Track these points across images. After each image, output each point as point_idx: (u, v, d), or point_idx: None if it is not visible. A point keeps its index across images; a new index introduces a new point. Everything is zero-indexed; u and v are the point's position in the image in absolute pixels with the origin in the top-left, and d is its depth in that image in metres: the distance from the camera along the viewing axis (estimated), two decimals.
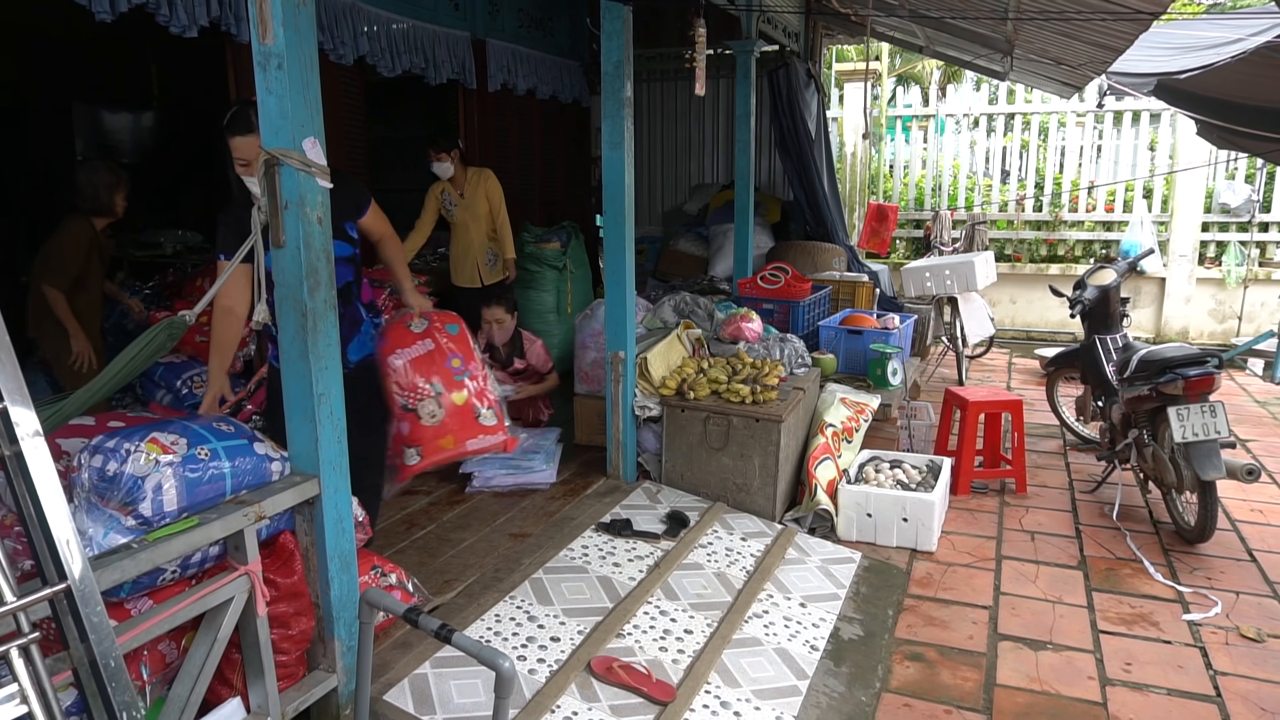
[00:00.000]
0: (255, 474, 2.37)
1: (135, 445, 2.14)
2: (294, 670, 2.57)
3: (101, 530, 2.09)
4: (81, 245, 4.27)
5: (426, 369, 3.20)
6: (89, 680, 1.43)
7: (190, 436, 2.25)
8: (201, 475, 2.22)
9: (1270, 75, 4.31)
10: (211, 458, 2.26)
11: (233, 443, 2.34)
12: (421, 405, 2.98)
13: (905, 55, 12.62)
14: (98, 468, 2.13)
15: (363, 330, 3.16)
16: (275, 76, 2.29)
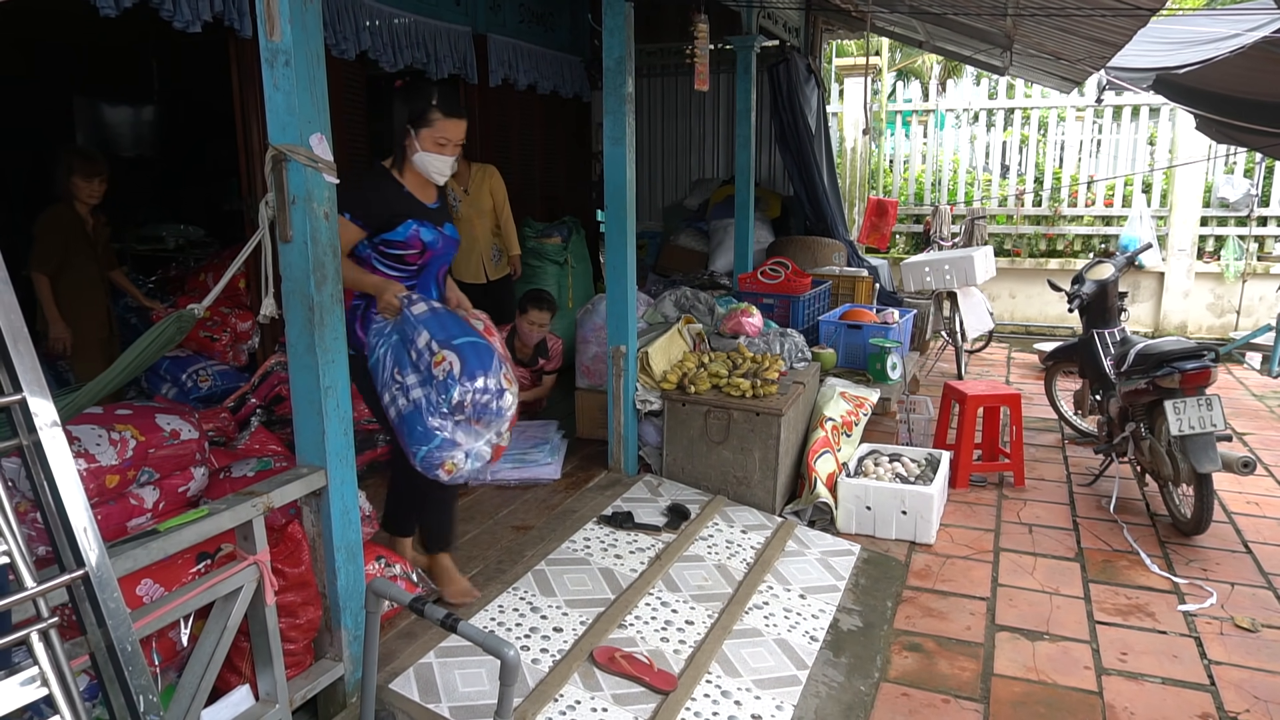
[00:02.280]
0: None
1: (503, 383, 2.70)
2: (301, 658, 2.61)
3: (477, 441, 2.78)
4: (56, 230, 4.29)
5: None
6: (106, 664, 1.46)
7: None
8: None
9: (1269, 70, 4.34)
10: None
11: None
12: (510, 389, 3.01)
13: (905, 50, 12.63)
14: (483, 404, 2.67)
15: None
16: (283, 73, 2.31)
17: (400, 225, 2.83)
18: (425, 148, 2.82)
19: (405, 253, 2.87)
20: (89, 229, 4.43)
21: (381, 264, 2.89)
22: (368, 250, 2.86)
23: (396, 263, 2.90)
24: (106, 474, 2.52)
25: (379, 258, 2.88)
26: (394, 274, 2.89)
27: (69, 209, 4.35)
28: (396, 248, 2.85)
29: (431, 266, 2.99)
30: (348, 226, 2.77)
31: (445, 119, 2.80)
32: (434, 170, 2.88)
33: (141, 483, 2.66)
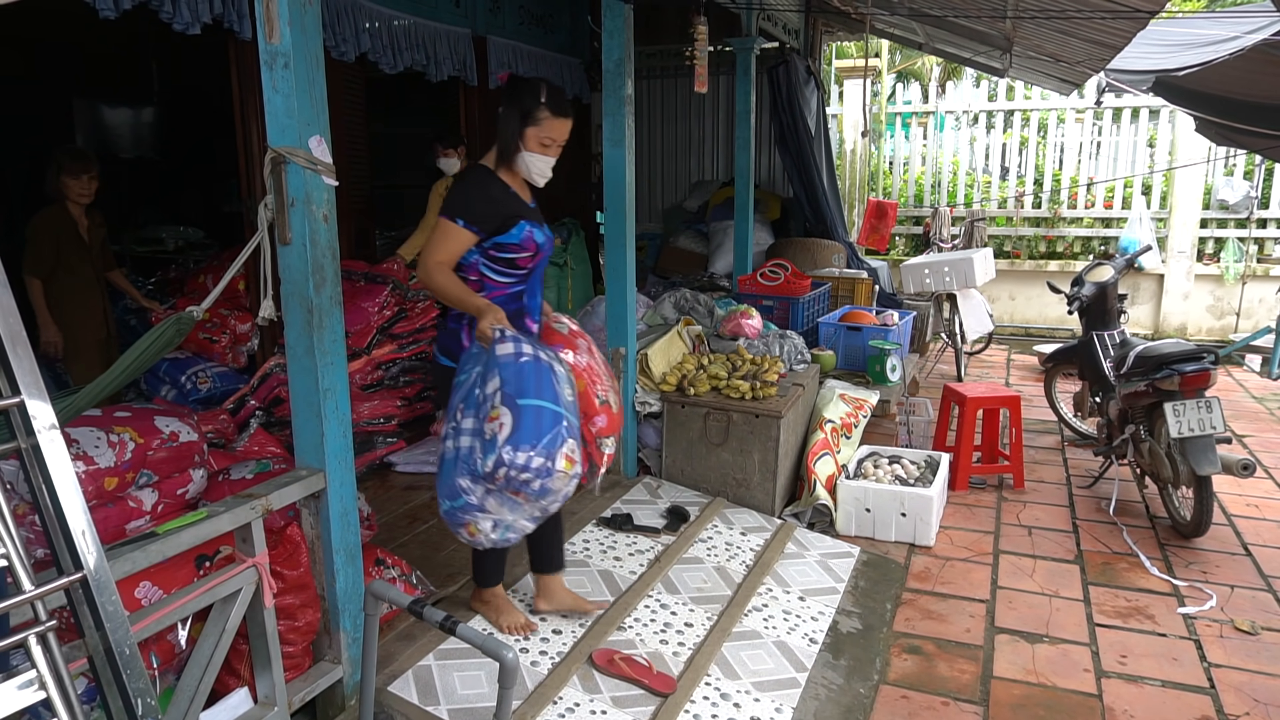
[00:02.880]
0: None
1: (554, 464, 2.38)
2: (300, 661, 2.60)
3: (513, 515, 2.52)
4: (48, 233, 4.29)
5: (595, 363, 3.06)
6: (104, 668, 1.46)
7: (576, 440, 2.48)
8: None
9: (1268, 72, 4.34)
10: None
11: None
12: (610, 396, 2.89)
13: (905, 52, 12.64)
14: (522, 480, 2.38)
15: None
16: (282, 75, 2.31)
17: (514, 227, 2.70)
18: (530, 148, 2.70)
19: (518, 256, 2.74)
20: (83, 230, 4.42)
21: (491, 270, 2.74)
22: (475, 256, 2.72)
23: (507, 268, 2.75)
24: (105, 476, 2.52)
25: (488, 263, 2.73)
26: (504, 280, 2.75)
27: (61, 210, 4.34)
28: (510, 251, 2.71)
29: (538, 270, 2.87)
30: (458, 233, 2.65)
31: (554, 118, 2.68)
32: (536, 171, 2.75)
33: (140, 485, 2.66)
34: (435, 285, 2.68)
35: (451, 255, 2.68)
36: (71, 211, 4.36)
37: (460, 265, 2.72)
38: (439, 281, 2.67)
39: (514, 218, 2.70)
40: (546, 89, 2.66)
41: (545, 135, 2.69)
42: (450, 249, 2.67)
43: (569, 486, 2.45)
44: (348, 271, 4.94)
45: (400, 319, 5.02)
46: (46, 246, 4.27)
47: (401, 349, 5.02)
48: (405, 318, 5.06)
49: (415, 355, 5.16)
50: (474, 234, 2.67)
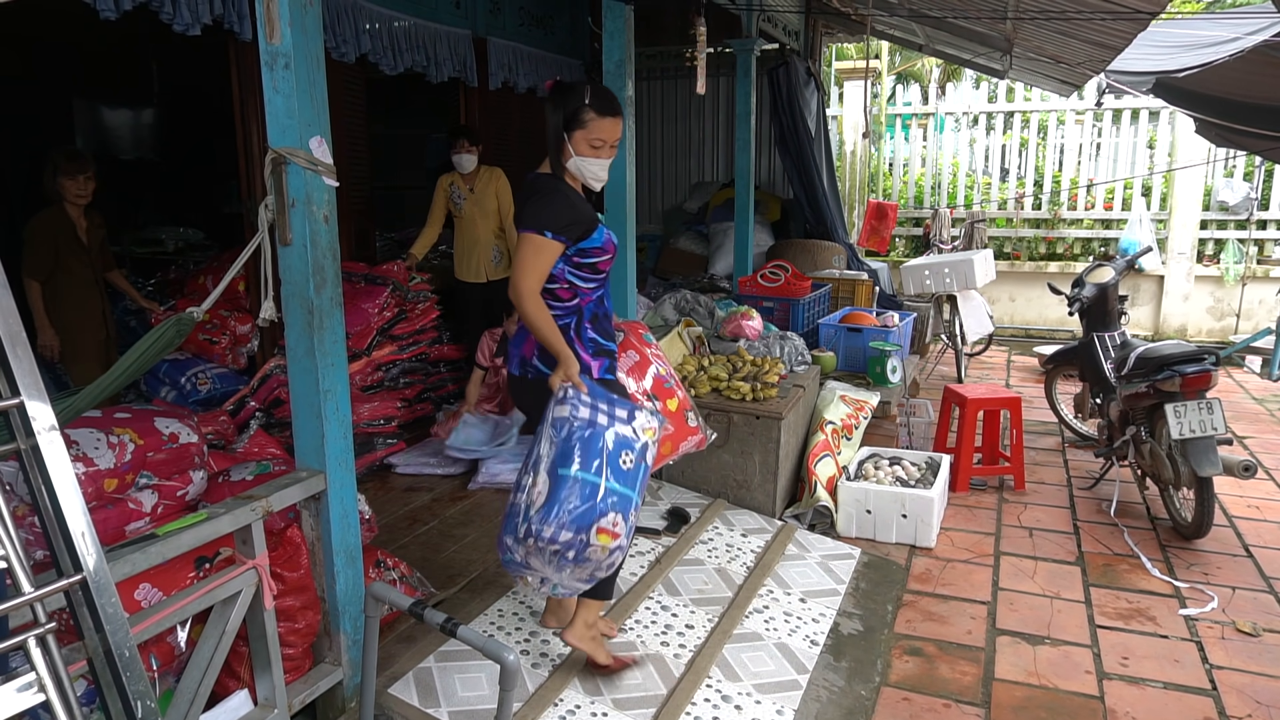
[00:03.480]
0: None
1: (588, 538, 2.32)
2: (300, 663, 2.60)
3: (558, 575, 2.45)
4: (46, 235, 4.28)
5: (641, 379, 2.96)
6: (104, 670, 1.45)
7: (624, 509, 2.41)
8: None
9: (1268, 73, 4.34)
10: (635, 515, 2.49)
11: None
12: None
13: (905, 53, 12.65)
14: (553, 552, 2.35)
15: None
16: (282, 76, 2.31)
17: (595, 231, 2.62)
18: (580, 151, 2.59)
19: (599, 259, 2.64)
20: (81, 231, 4.40)
21: (575, 276, 2.64)
22: (560, 266, 2.60)
23: (590, 273, 2.66)
24: (105, 478, 2.51)
25: (574, 271, 2.63)
26: (590, 285, 2.66)
27: (59, 212, 4.32)
28: (593, 255, 2.62)
29: (610, 272, 2.80)
30: (547, 246, 2.53)
31: (600, 118, 2.56)
32: (590, 175, 2.64)
33: (140, 486, 2.65)
34: (527, 315, 2.55)
35: (543, 273, 2.57)
36: (69, 213, 4.34)
37: (551, 275, 2.61)
38: (531, 311, 2.54)
39: (594, 221, 2.63)
40: (590, 89, 2.57)
41: (594, 136, 2.58)
42: (541, 266, 2.55)
43: (611, 557, 2.39)
44: (348, 273, 4.93)
45: (400, 320, 5.02)
46: (45, 249, 4.26)
47: (401, 350, 5.01)
48: (405, 319, 5.06)
49: (415, 357, 5.16)
50: (561, 244, 2.56)
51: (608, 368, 2.75)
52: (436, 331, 5.33)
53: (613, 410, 2.47)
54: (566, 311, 2.67)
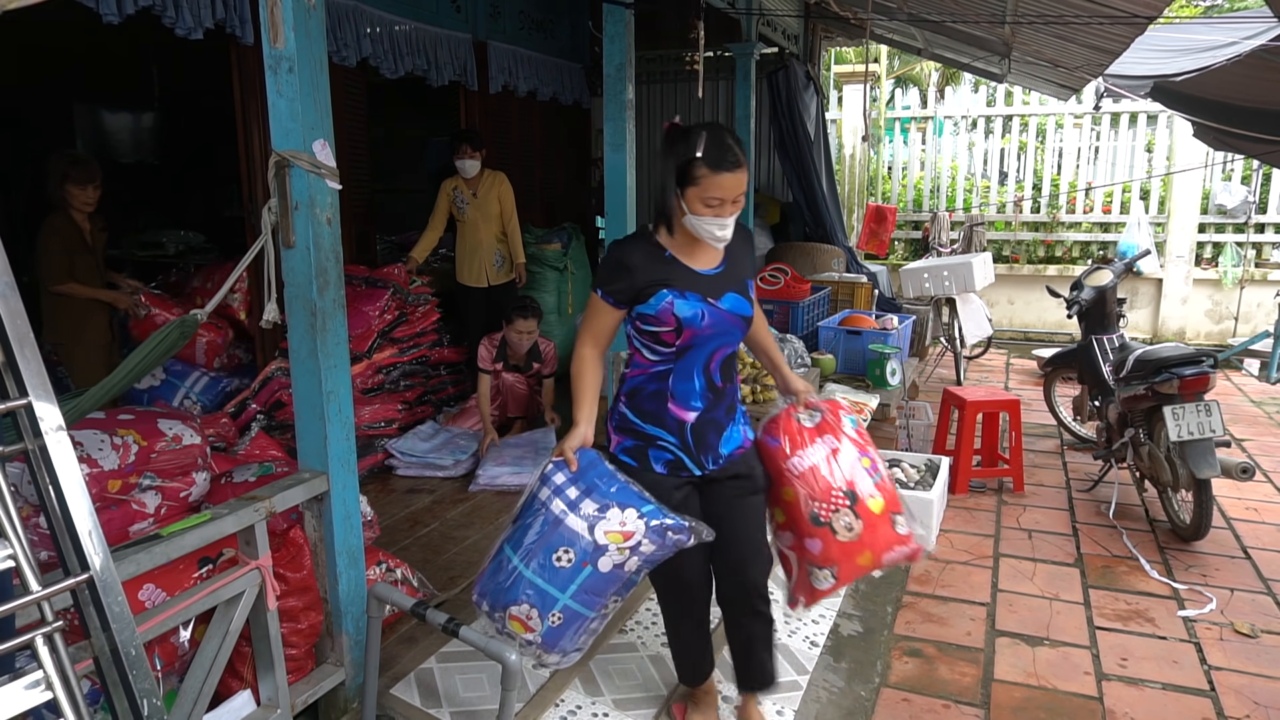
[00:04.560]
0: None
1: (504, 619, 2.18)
2: (303, 663, 2.61)
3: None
4: (58, 239, 4.29)
5: (837, 472, 2.48)
6: (110, 669, 1.47)
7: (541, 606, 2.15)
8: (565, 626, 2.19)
9: (1266, 77, 4.36)
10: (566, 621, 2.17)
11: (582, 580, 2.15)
12: (836, 518, 2.40)
13: (904, 57, 12.67)
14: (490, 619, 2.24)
15: (739, 416, 2.52)
16: (286, 79, 2.33)
17: (653, 296, 2.27)
18: (694, 210, 2.23)
19: (660, 330, 2.29)
20: (87, 235, 4.42)
21: (639, 342, 2.36)
22: (629, 328, 2.39)
23: (653, 342, 2.33)
24: (109, 478, 2.53)
25: (636, 335, 2.36)
26: (652, 357, 2.35)
27: (65, 217, 4.33)
28: (650, 323, 2.29)
29: (698, 351, 2.33)
30: (597, 304, 2.35)
31: (714, 174, 2.18)
32: (707, 235, 2.26)
33: (143, 487, 2.67)
34: (573, 363, 2.42)
35: (597, 329, 2.38)
36: (75, 218, 4.36)
37: (626, 337, 2.42)
38: (574, 361, 2.41)
39: (654, 286, 2.28)
40: (706, 138, 2.20)
41: (708, 195, 2.20)
42: (593, 321, 2.38)
43: (525, 650, 2.21)
44: (349, 276, 4.94)
45: (401, 323, 5.04)
46: (59, 253, 4.27)
47: (402, 353, 5.03)
48: (406, 322, 5.08)
49: (416, 359, 5.17)
50: (611, 305, 2.33)
51: (631, 451, 2.41)
52: (437, 334, 5.35)
53: (580, 500, 2.19)
54: (633, 372, 2.41)
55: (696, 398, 2.36)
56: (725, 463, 2.44)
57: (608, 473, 2.24)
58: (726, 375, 2.42)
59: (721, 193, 2.21)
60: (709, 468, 2.41)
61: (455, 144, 5.33)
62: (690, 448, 2.38)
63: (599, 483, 2.21)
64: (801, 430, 2.51)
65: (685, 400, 2.36)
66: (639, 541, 2.14)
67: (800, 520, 2.44)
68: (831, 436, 2.50)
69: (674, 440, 2.37)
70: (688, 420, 2.36)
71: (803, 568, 2.50)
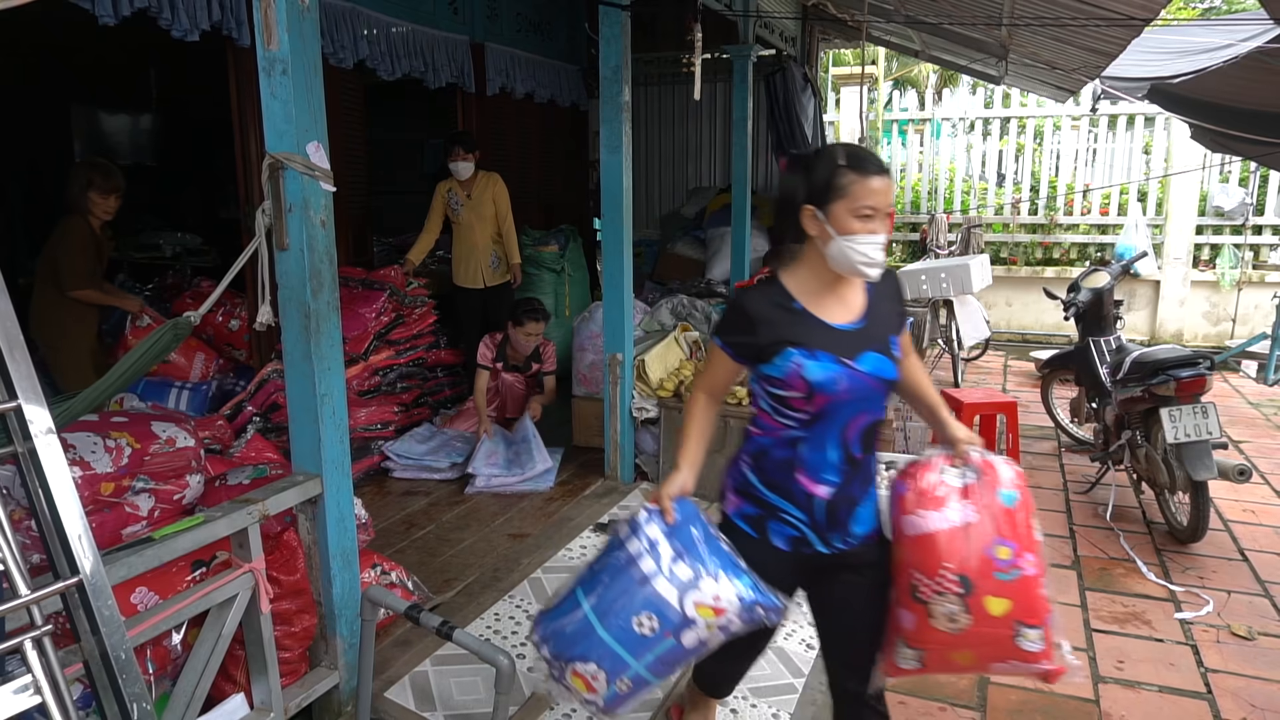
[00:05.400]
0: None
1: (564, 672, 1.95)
2: (296, 667, 2.60)
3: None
4: (79, 243, 4.28)
5: (958, 550, 2.01)
6: (100, 672, 1.46)
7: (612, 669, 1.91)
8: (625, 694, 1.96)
9: (1263, 79, 4.36)
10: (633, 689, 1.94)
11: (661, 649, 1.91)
12: (938, 602, 1.99)
13: (902, 59, 12.69)
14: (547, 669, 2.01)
15: (872, 491, 2.24)
16: (280, 82, 2.32)
17: (779, 355, 1.97)
18: (844, 229, 1.92)
19: (788, 394, 1.99)
20: (100, 242, 4.41)
21: (766, 402, 2.05)
22: (755, 383, 2.09)
23: (780, 405, 2.02)
24: (102, 481, 2.52)
25: (762, 394, 2.07)
26: (780, 420, 2.04)
27: (84, 223, 4.31)
28: (777, 385, 1.99)
29: (833, 418, 2.02)
30: (717, 356, 2.09)
31: (864, 178, 1.92)
32: (860, 260, 1.94)
33: (137, 490, 2.66)
34: (686, 404, 2.20)
35: (714, 380, 2.14)
36: (92, 224, 4.34)
37: (750, 390, 2.13)
38: (688, 403, 2.19)
39: (779, 344, 1.97)
40: (843, 149, 1.98)
41: (862, 204, 1.91)
42: (711, 371, 2.14)
43: (586, 708, 2.00)
44: (345, 278, 4.94)
45: (397, 325, 5.03)
46: (81, 257, 4.25)
47: (399, 355, 5.02)
48: (402, 324, 5.07)
49: (412, 361, 5.17)
50: (732, 358, 2.06)
51: (752, 519, 2.11)
52: (434, 336, 5.35)
53: (674, 561, 1.92)
54: (747, 435, 2.16)
55: (831, 470, 2.07)
56: (859, 544, 2.14)
57: (706, 532, 1.98)
58: (867, 445, 2.12)
59: (875, 200, 1.93)
60: (838, 547, 2.11)
61: (448, 146, 5.33)
62: (819, 525, 2.08)
63: (697, 545, 1.95)
64: (939, 486, 2.09)
65: (817, 472, 2.06)
66: (730, 620, 1.91)
67: (899, 586, 2.10)
68: (973, 507, 2.04)
69: (801, 516, 2.07)
70: (819, 495, 2.06)
71: (890, 633, 2.15)
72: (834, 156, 1.96)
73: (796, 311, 2.00)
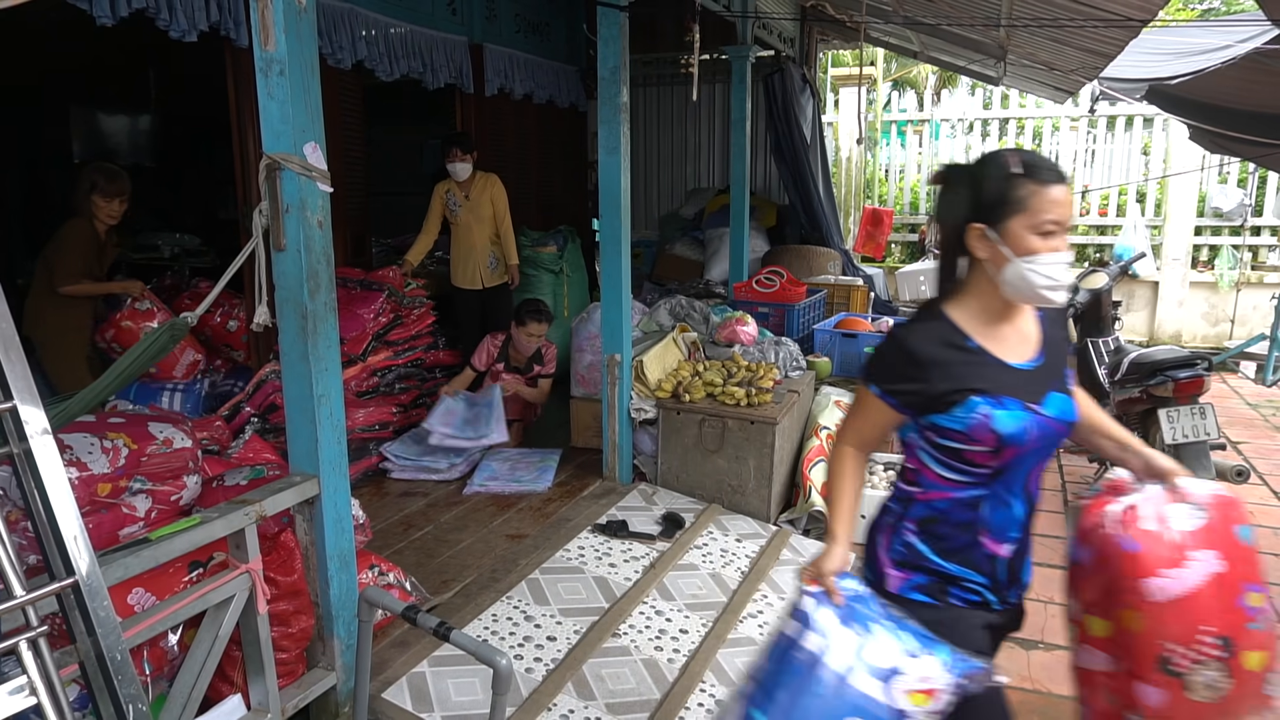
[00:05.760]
0: None
1: None
2: (294, 668, 2.60)
3: None
4: (79, 246, 4.27)
5: (1213, 608, 1.72)
6: (95, 673, 1.46)
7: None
8: None
9: (1261, 80, 4.37)
10: None
11: None
12: (1198, 672, 1.71)
13: (900, 60, 12.69)
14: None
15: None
16: (277, 82, 2.32)
17: (959, 405, 1.71)
18: (1023, 248, 1.68)
19: (969, 449, 1.73)
20: (102, 245, 4.41)
21: (931, 456, 1.79)
22: (912, 433, 1.82)
23: (954, 460, 1.76)
24: (99, 482, 2.51)
25: (927, 449, 1.79)
26: (952, 477, 1.78)
27: (88, 225, 4.30)
28: (954, 438, 1.73)
29: (1019, 470, 1.78)
30: (872, 405, 1.81)
31: (1044, 186, 1.67)
32: (1043, 282, 1.68)
33: (134, 491, 2.65)
34: (829, 465, 1.93)
35: (864, 431, 1.87)
36: (96, 228, 4.33)
37: (902, 440, 1.87)
38: (832, 462, 1.92)
39: (961, 392, 1.71)
40: (1017, 155, 1.72)
41: (1043, 219, 1.67)
42: (861, 421, 1.86)
43: None
44: (343, 278, 4.94)
45: (396, 326, 5.03)
46: (75, 255, 4.24)
47: (397, 356, 5.02)
48: (401, 325, 5.07)
49: (411, 362, 5.16)
50: (890, 407, 1.79)
51: (926, 589, 1.82)
52: (432, 337, 5.35)
53: (863, 650, 1.65)
54: (899, 496, 1.87)
55: (1015, 527, 1.82)
56: (1023, 592, 1.95)
57: (882, 607, 1.74)
58: (1039, 484, 1.87)
59: (1058, 212, 1.68)
60: (1011, 602, 1.90)
61: (446, 147, 5.33)
62: (1000, 585, 1.84)
63: (880, 623, 1.69)
64: (1176, 536, 1.76)
65: (1003, 533, 1.81)
66: (940, 700, 1.65)
67: (1140, 658, 1.77)
68: (1218, 552, 1.75)
69: (983, 581, 1.82)
70: (1002, 555, 1.82)
71: (1115, 711, 1.86)
72: (1005, 165, 1.71)
73: (972, 351, 1.74)
